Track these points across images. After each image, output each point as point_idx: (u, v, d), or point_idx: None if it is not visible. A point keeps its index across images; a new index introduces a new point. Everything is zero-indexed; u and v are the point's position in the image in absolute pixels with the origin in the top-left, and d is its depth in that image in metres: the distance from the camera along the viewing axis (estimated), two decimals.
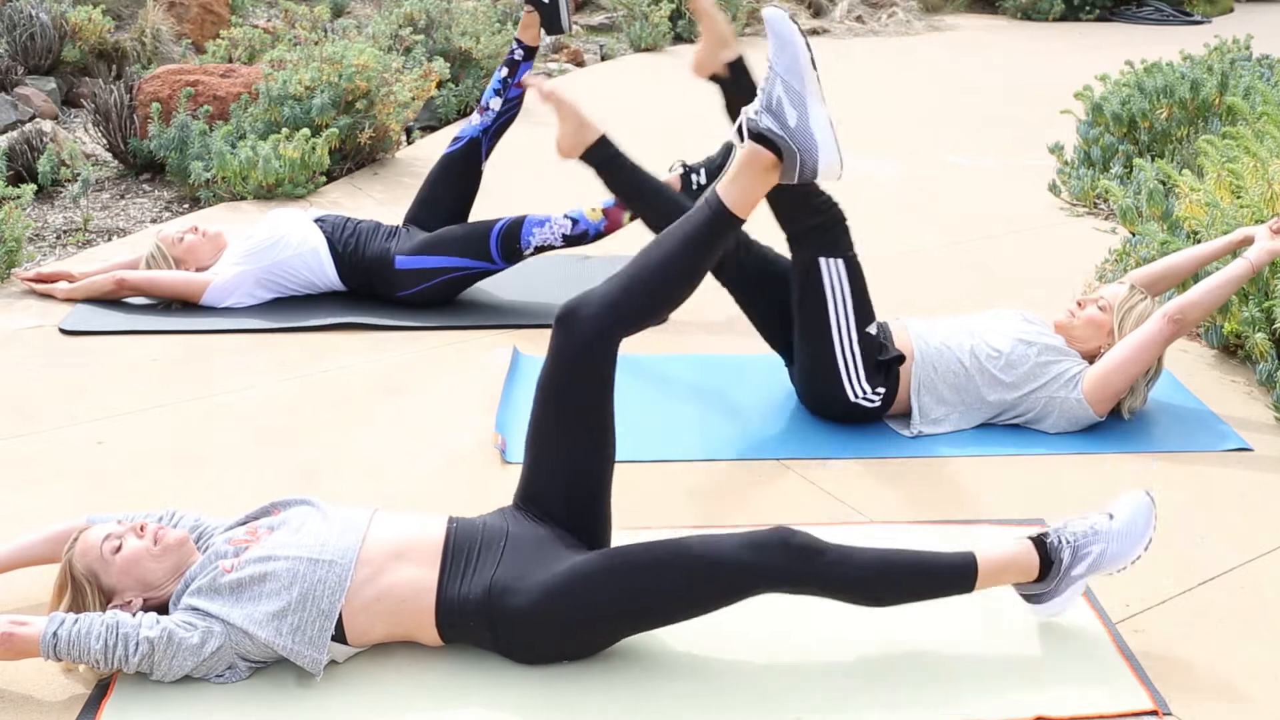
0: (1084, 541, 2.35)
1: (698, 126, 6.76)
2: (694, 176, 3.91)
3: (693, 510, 2.87)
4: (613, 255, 4.46)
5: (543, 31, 4.14)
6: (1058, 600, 2.36)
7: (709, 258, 2.38)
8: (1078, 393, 3.20)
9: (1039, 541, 2.35)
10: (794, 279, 3.19)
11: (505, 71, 4.16)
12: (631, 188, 3.38)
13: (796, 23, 2.39)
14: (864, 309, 3.17)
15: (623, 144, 3.40)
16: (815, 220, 3.14)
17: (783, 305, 3.27)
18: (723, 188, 2.35)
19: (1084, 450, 3.16)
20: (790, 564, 2.22)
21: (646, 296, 2.37)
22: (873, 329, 3.20)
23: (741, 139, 2.38)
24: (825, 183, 2.37)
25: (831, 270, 3.13)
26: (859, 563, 2.26)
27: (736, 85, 3.22)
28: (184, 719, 2.15)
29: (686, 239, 2.36)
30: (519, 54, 4.15)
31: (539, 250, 3.95)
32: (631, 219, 3.94)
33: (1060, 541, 2.35)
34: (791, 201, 3.13)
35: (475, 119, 4.19)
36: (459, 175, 4.20)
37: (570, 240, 3.93)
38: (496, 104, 4.17)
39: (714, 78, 3.26)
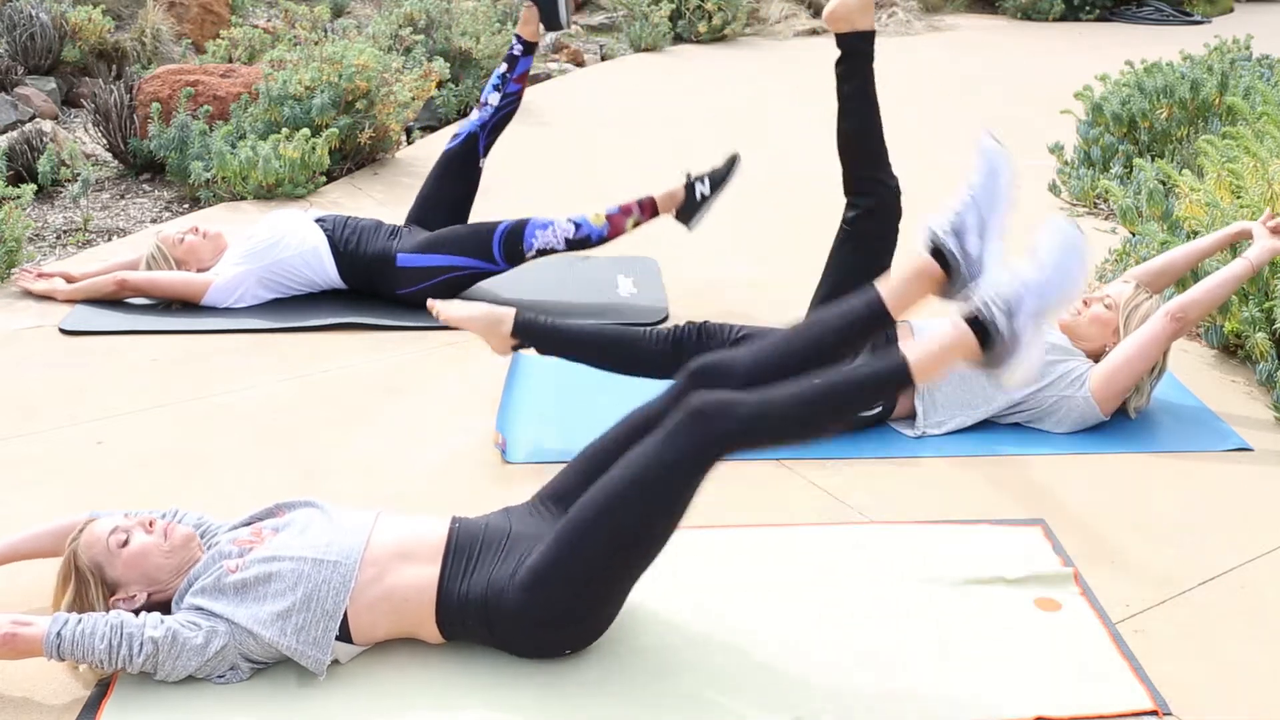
0: (1016, 299, 2.24)
1: (698, 126, 6.76)
2: (698, 186, 3.90)
3: (693, 510, 2.86)
4: (616, 256, 4.47)
5: (542, 28, 4.14)
6: (1015, 360, 2.26)
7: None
8: (1084, 391, 3.20)
9: (971, 319, 2.26)
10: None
11: (505, 67, 4.17)
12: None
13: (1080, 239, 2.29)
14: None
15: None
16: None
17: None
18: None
19: (1084, 450, 3.16)
20: (712, 437, 2.17)
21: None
22: (901, 335, 3.22)
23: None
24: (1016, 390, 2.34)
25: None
26: (784, 407, 2.20)
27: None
28: (184, 719, 2.15)
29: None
30: (518, 49, 4.16)
31: (541, 253, 3.95)
32: (635, 225, 3.94)
33: (991, 309, 2.25)
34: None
35: (474, 115, 4.19)
36: (458, 171, 4.20)
37: (573, 244, 3.93)
38: (495, 99, 4.17)
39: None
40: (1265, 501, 2.94)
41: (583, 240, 3.93)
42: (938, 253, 2.29)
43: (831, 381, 2.25)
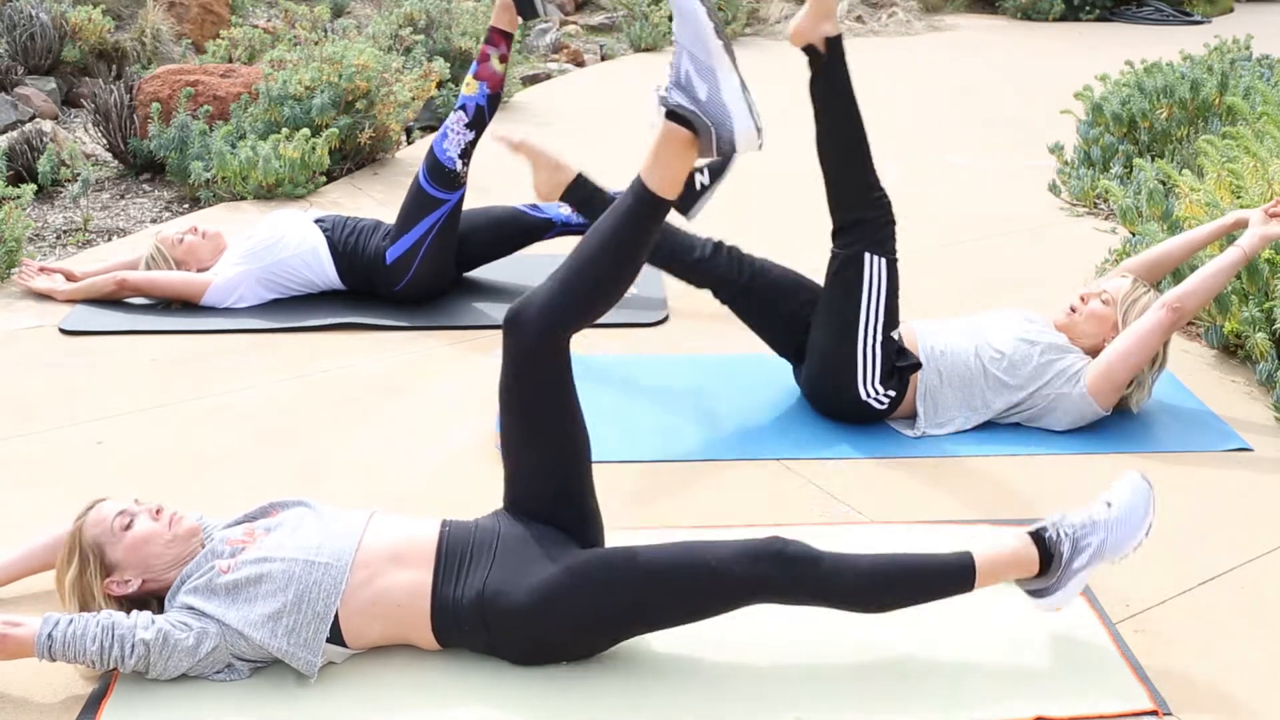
0: (1083, 533, 2.33)
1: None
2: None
3: (693, 510, 2.87)
4: None
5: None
6: (1060, 594, 2.34)
7: (644, 244, 2.33)
8: (1081, 387, 3.20)
9: (1037, 536, 2.34)
10: (831, 270, 3.20)
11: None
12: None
13: None
14: (894, 313, 3.18)
15: (598, 180, 3.44)
16: (870, 214, 3.17)
17: (791, 315, 3.30)
18: (644, 171, 2.30)
19: (1084, 450, 3.16)
20: (785, 574, 2.21)
21: (586, 292, 2.31)
22: (896, 334, 3.21)
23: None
24: (746, 152, 2.29)
25: (874, 267, 3.15)
26: (855, 571, 2.25)
27: (828, 63, 3.14)
28: (184, 719, 2.15)
29: (618, 229, 2.31)
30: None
31: (465, 157, 3.91)
32: (501, 60, 3.92)
33: (1059, 535, 2.33)
34: (852, 191, 3.17)
35: (565, 209, 4.16)
36: (511, 237, 4.18)
37: (474, 125, 3.90)
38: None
39: (808, 49, 3.16)
40: (1265, 501, 2.94)
41: (477, 114, 3.89)
42: (672, 113, 2.26)
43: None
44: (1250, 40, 7.03)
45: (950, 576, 2.30)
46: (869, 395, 3.20)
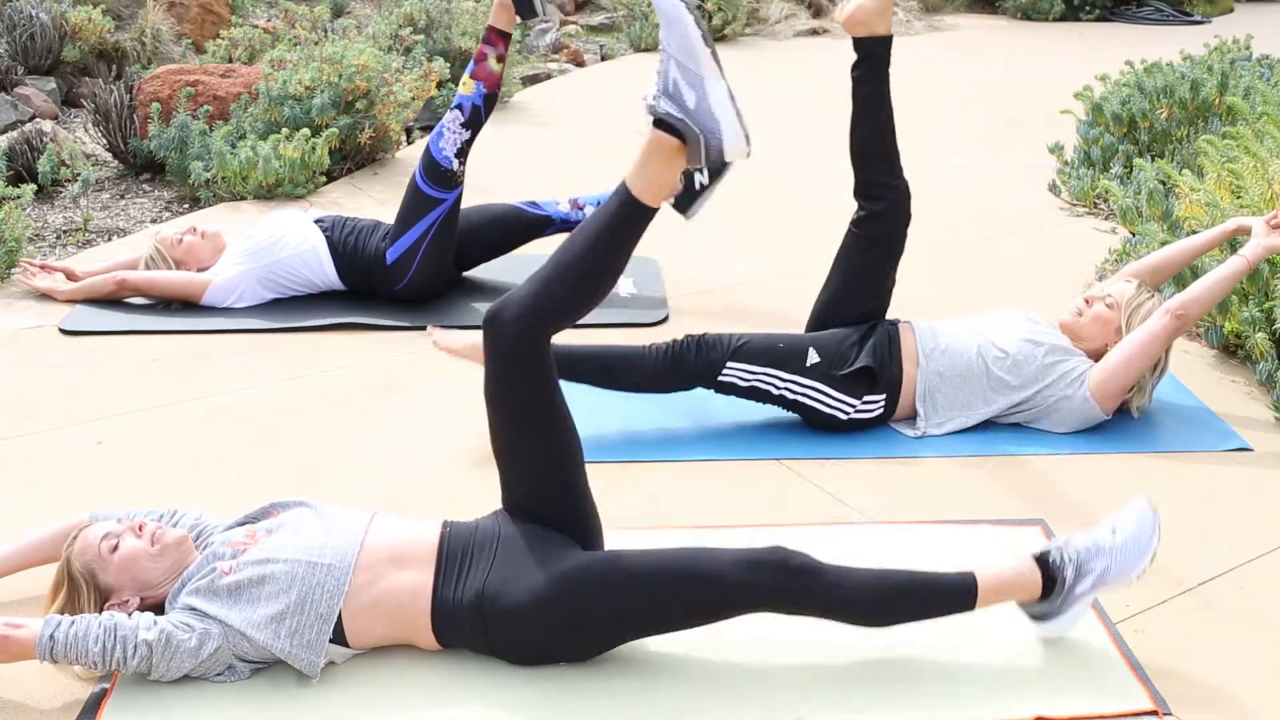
0: (1087, 558, 2.32)
1: None
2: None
3: (693, 510, 2.87)
4: None
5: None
6: (1062, 619, 2.34)
7: (625, 250, 2.32)
8: (1084, 391, 3.20)
9: (1041, 560, 2.33)
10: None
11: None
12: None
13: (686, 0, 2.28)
14: (784, 359, 3.17)
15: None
16: (687, 370, 3.19)
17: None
18: (631, 177, 2.29)
19: (1084, 450, 3.16)
20: (786, 584, 2.21)
21: (566, 294, 2.30)
22: (904, 339, 3.23)
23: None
24: (734, 160, 2.28)
25: (736, 375, 3.17)
26: (856, 584, 2.25)
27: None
28: (184, 719, 2.15)
29: (601, 233, 2.30)
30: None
31: (461, 155, 3.90)
32: (499, 60, 3.89)
33: (1063, 559, 2.32)
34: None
35: (564, 205, 4.16)
36: (510, 234, 4.18)
37: (470, 124, 3.89)
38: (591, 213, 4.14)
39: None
40: (1265, 501, 2.94)
41: (473, 114, 3.88)
42: (660, 121, 2.26)
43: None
44: (1250, 40, 7.03)
45: (952, 596, 2.30)
46: (847, 413, 3.19)
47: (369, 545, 2.29)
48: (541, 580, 2.22)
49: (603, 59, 9.15)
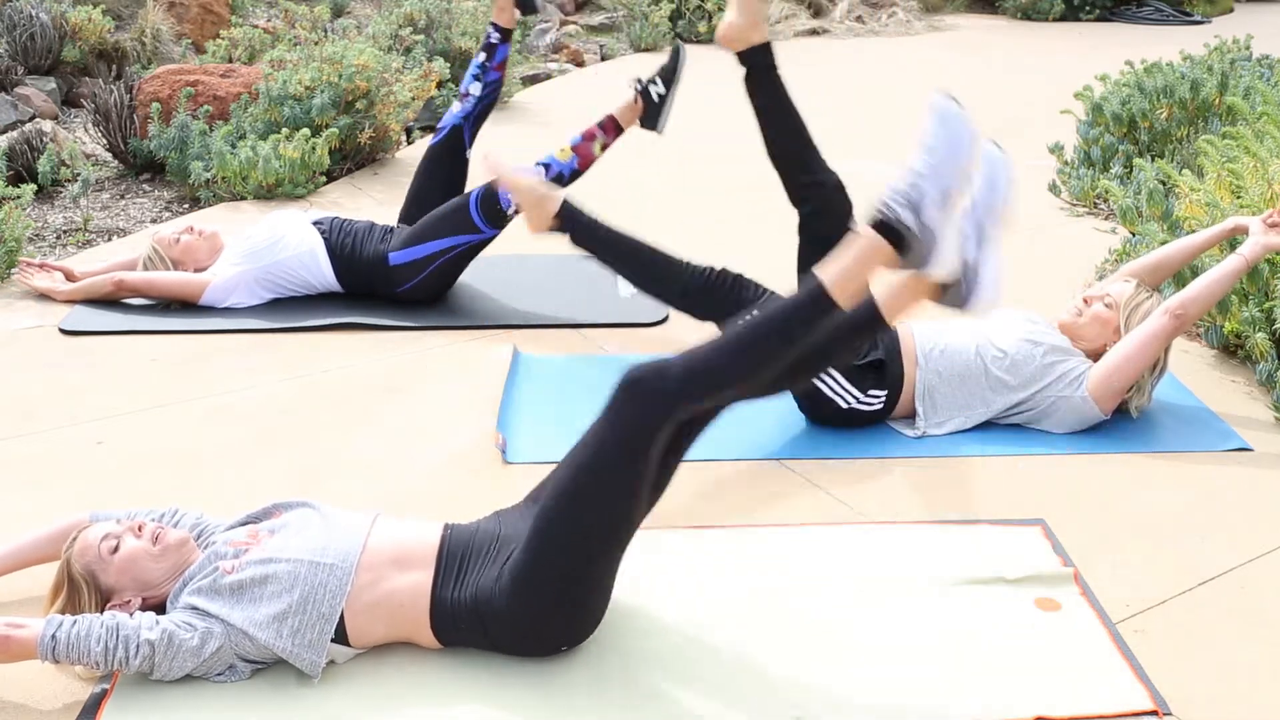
0: (915, 192, 2.19)
1: (697, 125, 6.76)
2: (652, 88, 3.87)
3: (693, 510, 2.87)
4: None
5: (518, 12, 4.13)
6: (939, 255, 2.20)
7: (798, 343, 2.21)
8: (1082, 391, 3.20)
9: (873, 224, 2.21)
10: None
11: (483, 56, 4.17)
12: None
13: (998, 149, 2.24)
14: None
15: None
16: (711, 299, 3.23)
17: None
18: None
19: (1084, 450, 3.16)
20: (649, 403, 2.17)
21: (722, 375, 2.20)
22: (904, 340, 3.23)
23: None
24: (942, 276, 2.25)
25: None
26: (710, 356, 2.19)
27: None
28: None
29: (784, 325, 2.21)
30: (495, 37, 4.16)
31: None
32: (603, 149, 3.91)
33: (888, 206, 2.18)
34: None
35: (455, 107, 4.18)
36: (445, 166, 4.19)
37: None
38: (476, 89, 4.16)
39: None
40: (1265, 501, 2.94)
41: (555, 179, 3.87)
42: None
43: (756, 318, 2.24)
44: (1250, 40, 7.03)
45: (806, 305, 2.21)
46: (848, 402, 3.20)
47: (371, 546, 2.29)
48: (513, 565, 2.22)
49: (603, 59, 9.15)
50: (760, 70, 3.26)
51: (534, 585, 2.21)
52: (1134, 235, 4.37)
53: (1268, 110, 4.63)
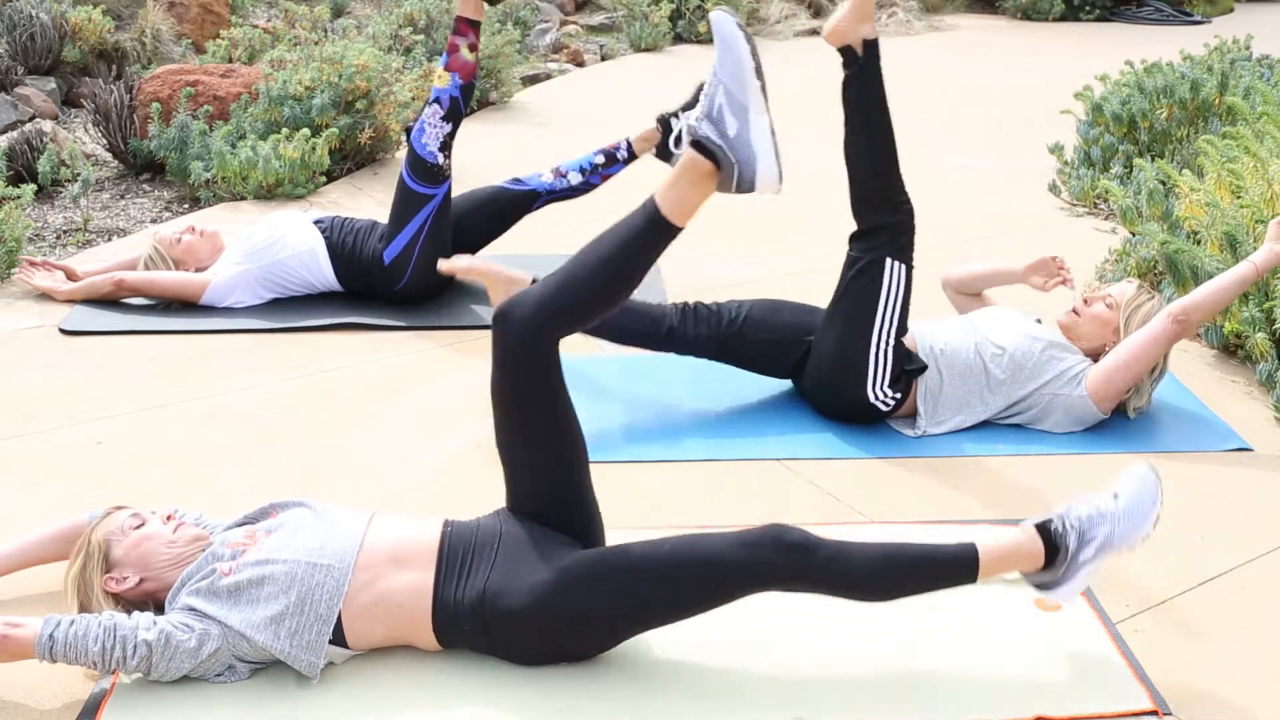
0: (1089, 525, 2.31)
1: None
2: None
3: (693, 510, 2.87)
4: None
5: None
6: (1066, 587, 2.32)
7: (645, 263, 2.32)
8: (1081, 389, 3.20)
9: (1043, 528, 2.33)
10: (849, 273, 3.18)
11: (602, 160, 4.12)
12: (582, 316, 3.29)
13: (743, 28, 2.31)
14: (905, 318, 3.20)
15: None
16: (894, 219, 3.15)
17: (783, 335, 3.31)
18: (660, 194, 2.30)
19: (1084, 450, 3.16)
20: (784, 561, 2.21)
21: (579, 299, 2.30)
22: (906, 339, 3.22)
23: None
24: (764, 194, 2.30)
25: (895, 273, 3.15)
26: (856, 559, 2.24)
27: (865, 66, 3.13)
28: None
29: (623, 244, 2.30)
30: (624, 154, 4.11)
31: (445, 149, 3.87)
32: (471, 50, 3.87)
33: (1065, 527, 2.32)
34: (876, 196, 3.15)
35: (547, 176, 4.15)
36: (503, 214, 4.17)
37: (449, 116, 3.86)
38: (575, 179, 4.14)
39: (844, 50, 3.14)
40: (1265, 501, 2.94)
41: (452, 106, 3.85)
42: (697, 143, 2.26)
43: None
44: (1250, 40, 7.03)
45: (954, 567, 2.29)
46: (876, 398, 3.20)
47: (368, 545, 2.29)
48: (541, 579, 2.21)
49: (603, 59, 9.15)
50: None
51: (553, 610, 2.21)
52: (1134, 235, 4.37)
53: (1268, 110, 4.63)
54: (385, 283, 4.02)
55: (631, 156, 4.09)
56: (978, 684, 2.26)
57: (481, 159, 5.70)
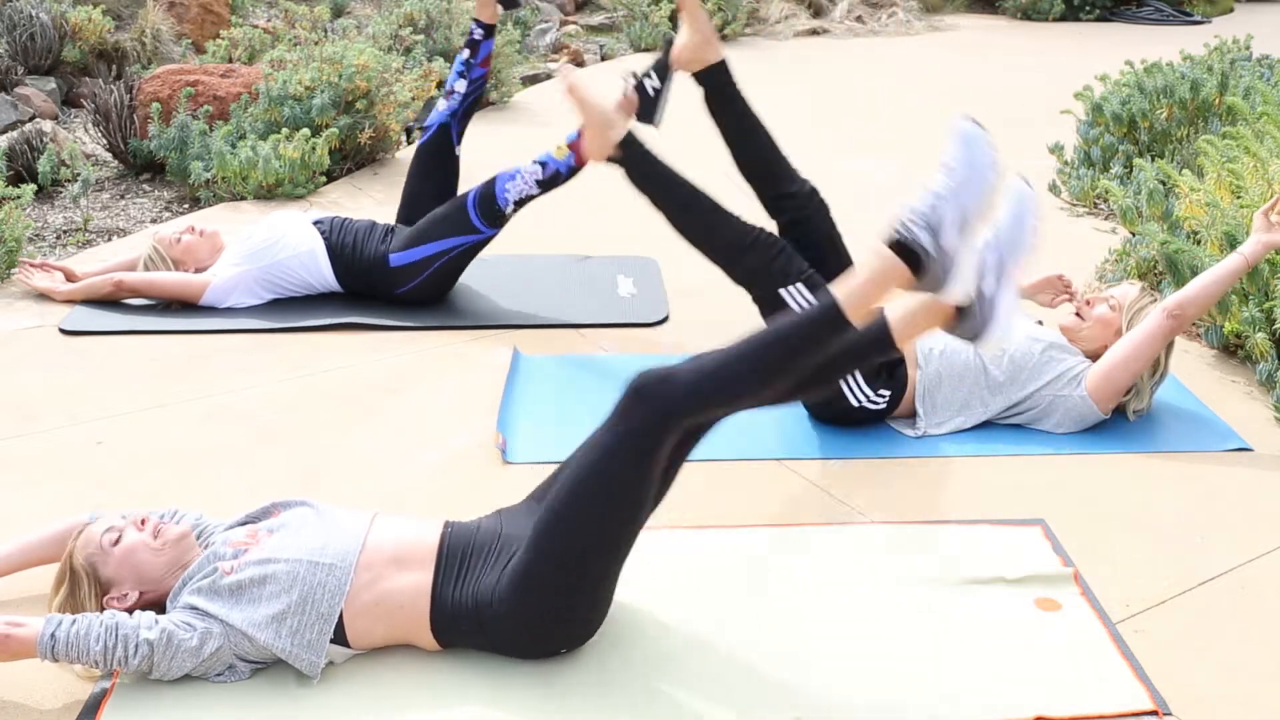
0: (930, 209, 2.16)
1: (698, 124, 6.77)
2: (647, 82, 3.85)
3: (693, 510, 2.87)
4: (616, 257, 4.49)
5: (500, 8, 4.13)
6: (955, 271, 2.14)
7: (812, 360, 2.19)
8: (1081, 390, 3.20)
9: (891, 244, 2.16)
10: (763, 318, 3.14)
11: (467, 53, 4.16)
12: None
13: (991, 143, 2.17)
14: None
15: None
16: (755, 261, 3.15)
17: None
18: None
19: (1084, 450, 3.16)
20: (654, 409, 2.16)
21: (730, 385, 2.17)
22: None
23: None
24: (951, 300, 2.17)
25: (795, 296, 3.13)
26: (718, 366, 2.17)
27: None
28: None
29: (793, 337, 2.19)
30: (479, 33, 4.15)
31: (519, 205, 3.85)
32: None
33: (908, 227, 2.15)
34: (731, 238, 3.18)
35: (441, 105, 4.17)
36: (436, 164, 4.18)
37: (545, 184, 3.82)
38: (461, 86, 4.16)
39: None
40: (1265, 501, 2.94)
41: (553, 177, 3.81)
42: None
43: (767, 331, 2.23)
44: (1250, 40, 7.03)
45: (820, 319, 2.18)
46: (861, 400, 3.20)
47: (370, 545, 2.29)
48: (513, 566, 2.22)
49: (603, 59, 9.15)
50: (720, 89, 3.27)
51: (534, 588, 2.21)
52: (1134, 235, 4.37)
53: (1268, 110, 4.63)
54: (386, 284, 4.01)
55: (481, 27, 4.10)
56: (978, 684, 2.27)
57: (482, 159, 5.69)
